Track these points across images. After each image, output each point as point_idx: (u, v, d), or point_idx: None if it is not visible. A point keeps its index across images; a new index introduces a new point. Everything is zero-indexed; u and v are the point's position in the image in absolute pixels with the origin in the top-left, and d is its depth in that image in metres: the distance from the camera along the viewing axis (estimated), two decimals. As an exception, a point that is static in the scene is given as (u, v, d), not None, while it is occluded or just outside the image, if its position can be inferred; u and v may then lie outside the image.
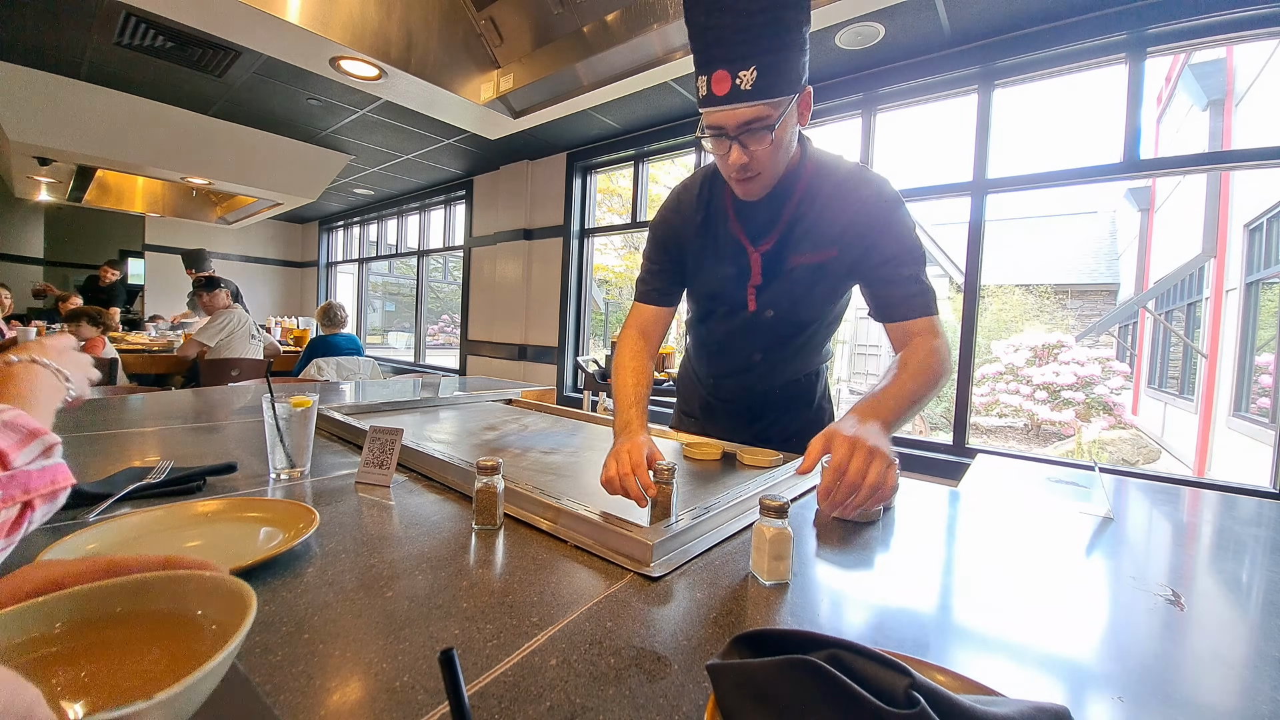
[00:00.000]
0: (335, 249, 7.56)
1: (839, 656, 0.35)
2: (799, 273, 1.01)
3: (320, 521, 0.67)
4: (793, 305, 1.04)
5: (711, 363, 1.23)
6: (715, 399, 1.29)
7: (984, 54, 2.45)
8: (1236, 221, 5.39)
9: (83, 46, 2.92)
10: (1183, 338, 7.02)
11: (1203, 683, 0.47)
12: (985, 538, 0.80)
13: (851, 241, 0.97)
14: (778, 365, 1.15)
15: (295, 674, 0.42)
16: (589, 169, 4.31)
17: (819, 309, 1.07)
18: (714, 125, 0.85)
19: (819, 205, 0.97)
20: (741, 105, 0.80)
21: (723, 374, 1.23)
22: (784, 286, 1.02)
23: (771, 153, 0.87)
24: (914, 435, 4.05)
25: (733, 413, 1.28)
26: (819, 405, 1.27)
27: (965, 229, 2.60)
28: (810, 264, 1.00)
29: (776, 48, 0.78)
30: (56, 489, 0.47)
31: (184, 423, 1.34)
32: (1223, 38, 2.16)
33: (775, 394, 1.22)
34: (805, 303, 1.05)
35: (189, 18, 1.92)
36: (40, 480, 0.46)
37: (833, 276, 1.01)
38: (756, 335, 1.10)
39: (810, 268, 1.00)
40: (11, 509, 0.43)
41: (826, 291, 1.04)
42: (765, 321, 1.07)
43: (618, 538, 0.66)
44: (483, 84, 2.29)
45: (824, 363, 1.25)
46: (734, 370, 1.20)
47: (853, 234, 0.96)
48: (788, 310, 1.05)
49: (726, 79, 0.79)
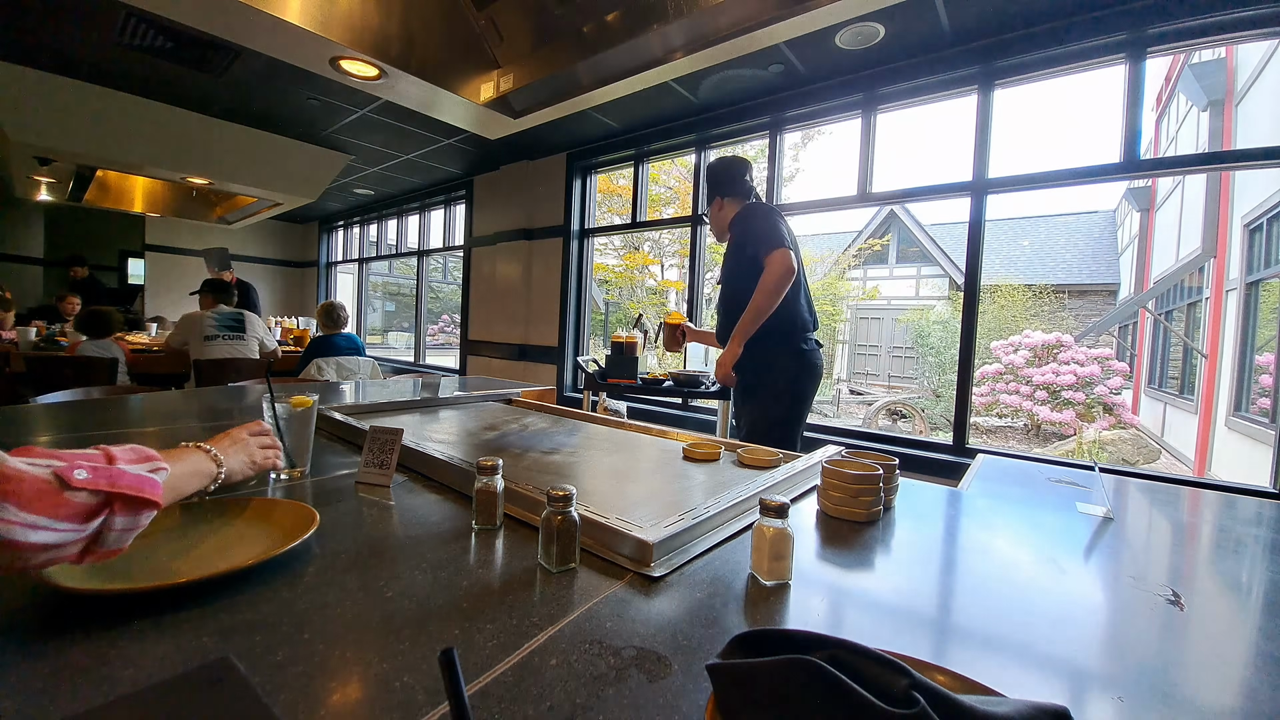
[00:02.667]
0: (335, 249, 7.56)
1: (839, 656, 0.35)
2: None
3: (320, 521, 0.67)
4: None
5: (803, 314, 2.00)
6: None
7: (984, 54, 2.45)
8: (1236, 221, 5.39)
9: (83, 46, 2.91)
10: (1183, 338, 7.01)
11: (1203, 683, 0.47)
12: (985, 538, 0.80)
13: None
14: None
15: (295, 674, 0.42)
16: (589, 169, 4.31)
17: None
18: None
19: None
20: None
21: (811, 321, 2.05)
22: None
23: (711, 222, 2.14)
24: (914, 435, 4.04)
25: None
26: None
27: (965, 229, 2.60)
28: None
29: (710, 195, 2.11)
30: (142, 495, 0.48)
31: (184, 422, 1.34)
32: (1223, 38, 2.16)
33: None
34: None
35: (189, 18, 1.92)
36: (130, 480, 0.48)
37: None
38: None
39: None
40: (93, 496, 0.45)
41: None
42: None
43: (618, 538, 0.66)
44: (483, 84, 2.29)
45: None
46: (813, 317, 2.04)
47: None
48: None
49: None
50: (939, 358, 8.77)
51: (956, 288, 10.87)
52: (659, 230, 9.55)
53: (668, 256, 10.57)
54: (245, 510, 0.71)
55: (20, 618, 0.48)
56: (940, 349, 8.73)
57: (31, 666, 0.42)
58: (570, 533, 0.62)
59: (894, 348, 11.29)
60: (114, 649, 0.44)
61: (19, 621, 0.48)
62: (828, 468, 0.85)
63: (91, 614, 0.49)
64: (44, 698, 0.39)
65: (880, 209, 11.63)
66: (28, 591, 0.52)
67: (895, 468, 0.90)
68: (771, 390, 1.86)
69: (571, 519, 0.62)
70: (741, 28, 1.73)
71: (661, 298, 10.43)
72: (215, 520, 0.69)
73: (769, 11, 1.67)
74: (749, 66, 2.79)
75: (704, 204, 1.98)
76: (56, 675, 0.41)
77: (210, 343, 3.37)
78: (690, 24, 1.74)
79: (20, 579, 0.54)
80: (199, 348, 3.34)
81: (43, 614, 0.49)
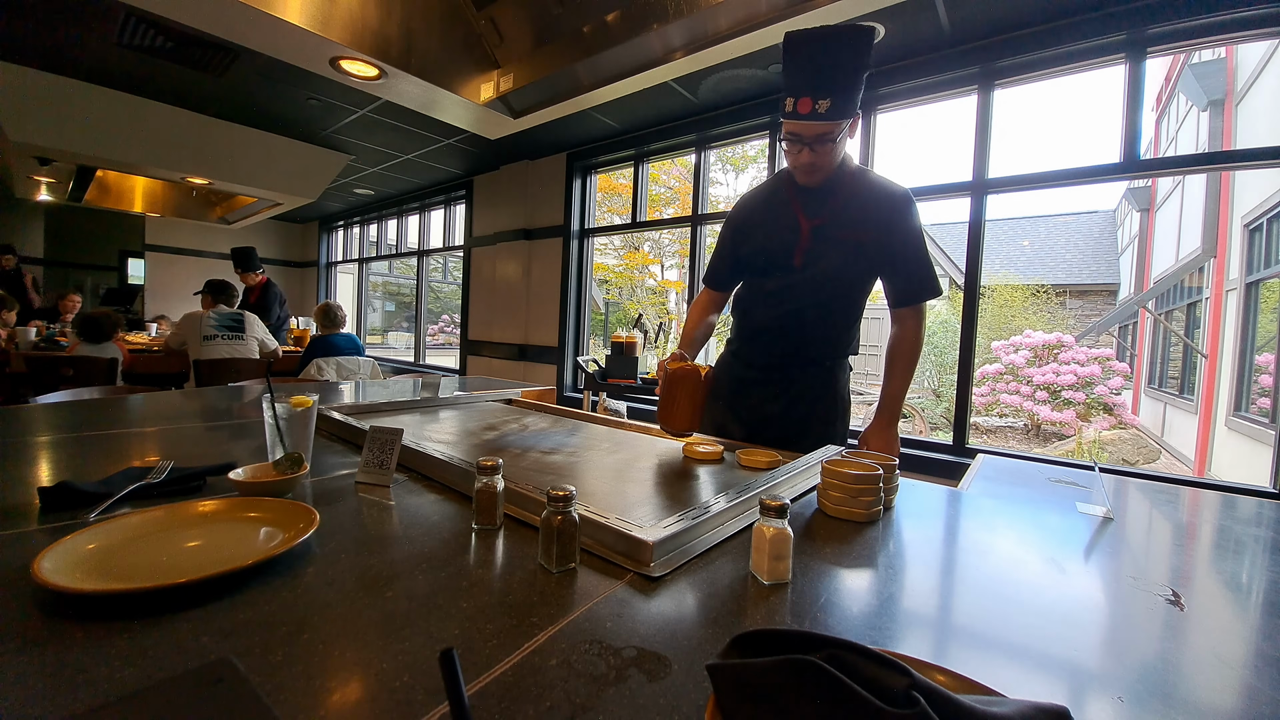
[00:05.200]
0: (335, 249, 7.56)
1: (839, 656, 0.35)
2: (840, 244, 1.28)
3: (320, 521, 0.67)
4: (830, 268, 1.29)
5: (747, 319, 1.42)
6: (748, 367, 1.42)
7: (984, 54, 2.45)
8: (1236, 221, 5.39)
9: (83, 46, 2.91)
10: (1182, 338, 7.01)
11: (1203, 683, 0.47)
12: (985, 538, 0.80)
13: (880, 228, 1.26)
14: (806, 326, 1.33)
15: (295, 674, 0.42)
16: (589, 169, 4.31)
17: (849, 278, 1.30)
18: (792, 133, 1.18)
19: (859, 198, 1.27)
20: (816, 123, 1.14)
21: (759, 329, 1.39)
22: (825, 250, 1.29)
23: (831, 155, 1.21)
24: (914, 435, 4.05)
25: (759, 382, 1.41)
26: (836, 397, 1.39)
27: (965, 229, 2.60)
28: (849, 239, 1.27)
29: (845, 87, 1.12)
30: None
31: (184, 423, 1.34)
32: (1223, 38, 2.16)
33: (797, 374, 1.37)
34: (839, 268, 1.29)
35: (189, 17, 1.92)
36: None
37: (863, 252, 1.28)
38: (795, 291, 1.32)
39: (849, 243, 1.27)
40: None
41: (856, 265, 1.29)
42: (805, 279, 1.30)
43: (618, 538, 0.66)
44: (483, 84, 2.29)
45: (843, 357, 1.41)
46: (768, 326, 1.36)
47: (881, 222, 1.26)
48: (824, 271, 1.29)
49: (808, 103, 1.12)
50: (940, 358, 8.77)
51: (957, 287, 10.87)
52: (659, 230, 9.55)
53: (668, 256, 10.57)
54: (245, 510, 0.71)
55: (20, 618, 0.48)
56: (943, 348, 8.73)
57: (31, 666, 0.42)
58: (570, 533, 0.62)
59: (894, 348, 11.24)
60: (114, 649, 0.44)
61: (19, 621, 0.48)
62: (828, 468, 0.85)
63: (91, 614, 0.49)
64: (44, 698, 0.39)
65: (880, 209, 11.60)
66: (28, 591, 0.52)
67: (895, 468, 0.90)
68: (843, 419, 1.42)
69: (571, 519, 0.62)
70: (741, 28, 1.73)
71: (661, 297, 10.43)
72: (215, 520, 0.69)
73: (769, 11, 1.67)
74: (749, 66, 2.79)
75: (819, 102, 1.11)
76: (56, 675, 0.41)
77: (209, 343, 3.37)
78: (690, 24, 1.74)
79: (20, 579, 0.54)
80: (198, 348, 3.34)
81: (43, 614, 0.49)
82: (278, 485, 0.80)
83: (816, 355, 1.36)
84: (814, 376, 1.37)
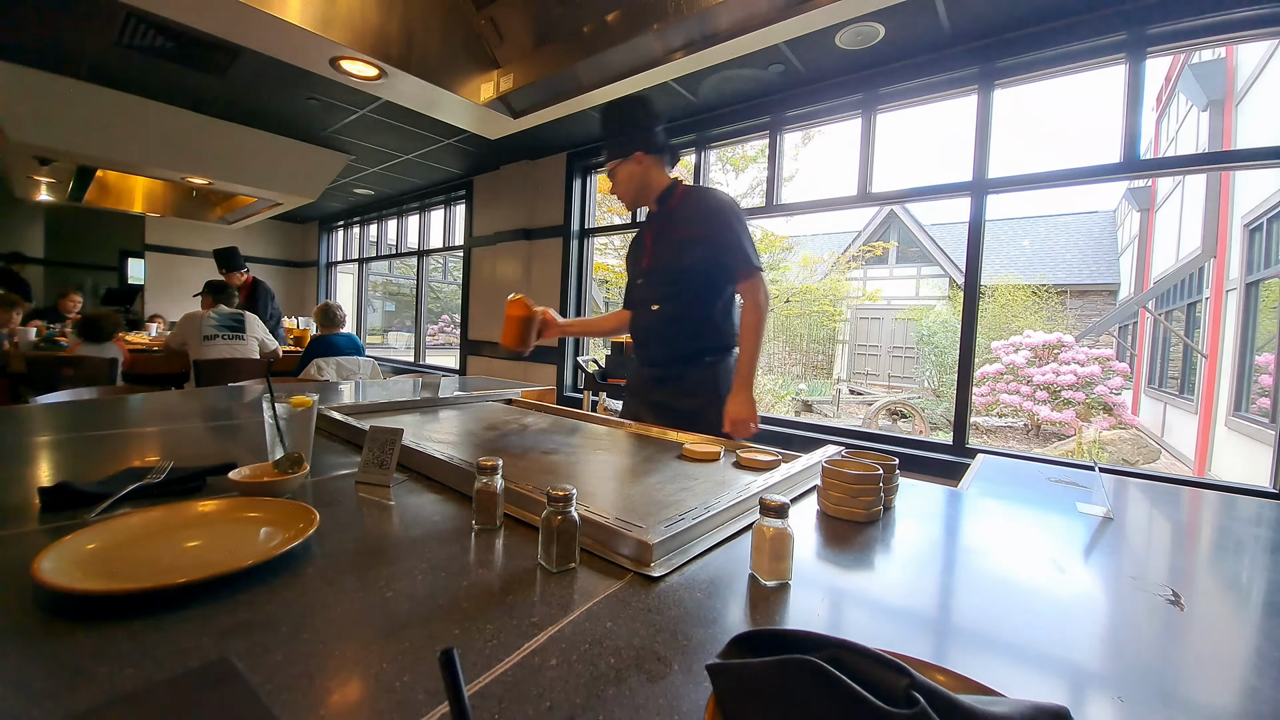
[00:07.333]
0: (335, 249, 7.56)
1: (839, 656, 0.35)
2: (672, 243, 1.58)
3: (320, 521, 0.67)
4: (669, 261, 1.58)
5: (633, 325, 1.71)
6: (640, 366, 1.70)
7: (984, 54, 2.45)
8: (1236, 221, 5.39)
9: (83, 46, 2.91)
10: (1182, 338, 7.01)
11: (1203, 683, 0.47)
12: (985, 538, 0.80)
13: (709, 224, 1.53)
14: (672, 316, 1.59)
15: (295, 674, 0.42)
16: (589, 169, 4.31)
17: (684, 266, 1.56)
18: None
19: (685, 208, 1.58)
20: (604, 168, 1.66)
21: (638, 328, 1.68)
22: (662, 250, 1.61)
23: (619, 185, 1.60)
24: (914, 435, 4.05)
25: (653, 379, 1.65)
26: (718, 395, 1.58)
27: (965, 229, 2.60)
28: (681, 238, 1.56)
29: (615, 141, 1.56)
30: None
31: (184, 423, 1.34)
32: (1223, 38, 2.16)
33: (679, 370, 1.61)
34: (675, 259, 1.57)
35: (189, 17, 1.92)
36: None
37: (692, 245, 1.54)
38: (651, 287, 1.63)
39: (681, 240, 1.56)
40: None
41: (690, 254, 1.54)
42: (654, 276, 1.62)
43: (618, 538, 0.66)
44: (483, 84, 2.29)
45: (724, 355, 1.60)
46: (645, 324, 1.65)
47: (710, 220, 1.53)
48: (666, 264, 1.59)
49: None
50: (941, 358, 8.78)
51: (957, 287, 10.87)
52: (659, 230, 9.51)
53: (668, 256, 10.54)
54: (245, 510, 0.71)
55: (20, 618, 0.48)
56: (943, 348, 8.73)
57: (31, 666, 0.42)
58: (570, 533, 0.62)
59: (894, 348, 11.29)
60: (114, 649, 0.44)
61: (19, 621, 0.48)
62: (828, 468, 0.85)
63: (91, 614, 0.49)
64: (44, 698, 0.39)
65: (880, 209, 11.63)
66: (28, 591, 0.52)
67: (895, 468, 0.90)
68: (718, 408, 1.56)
69: (571, 519, 0.62)
70: (741, 28, 1.73)
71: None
72: (215, 520, 0.69)
73: (769, 12, 1.67)
74: (749, 66, 2.79)
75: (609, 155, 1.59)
76: (56, 675, 0.41)
77: (209, 343, 3.37)
78: (690, 24, 1.74)
79: (20, 579, 0.54)
80: (198, 348, 3.34)
81: (43, 614, 0.49)
82: (278, 485, 0.80)
83: (690, 351, 1.59)
84: (696, 371, 1.60)
